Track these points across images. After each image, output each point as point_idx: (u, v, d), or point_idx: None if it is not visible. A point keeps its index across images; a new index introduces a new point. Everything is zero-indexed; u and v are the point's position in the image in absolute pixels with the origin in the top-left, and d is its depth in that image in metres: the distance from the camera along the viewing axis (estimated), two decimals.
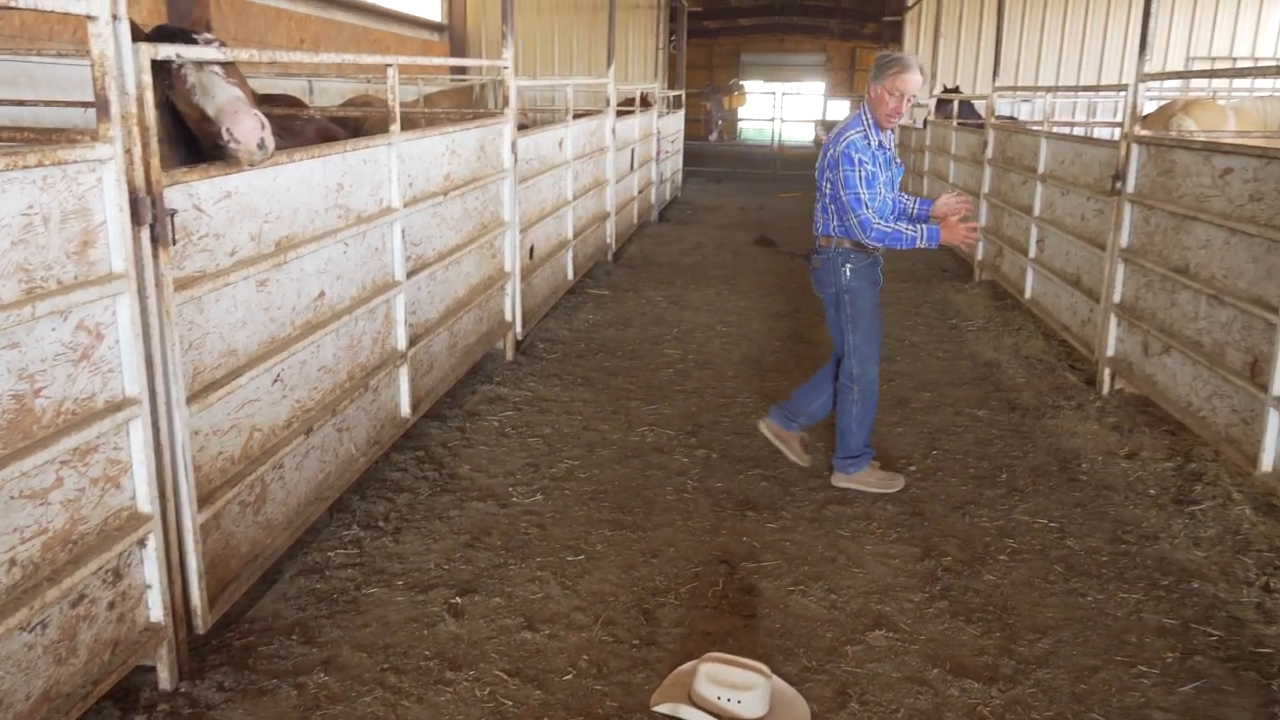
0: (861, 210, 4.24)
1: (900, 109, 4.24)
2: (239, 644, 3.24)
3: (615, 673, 3.16)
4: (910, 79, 4.19)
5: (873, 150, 4.30)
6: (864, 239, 4.28)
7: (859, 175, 4.23)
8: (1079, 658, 3.29)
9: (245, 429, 3.34)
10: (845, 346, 4.55)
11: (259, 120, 3.18)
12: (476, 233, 5.79)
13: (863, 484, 4.59)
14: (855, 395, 4.55)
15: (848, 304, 4.49)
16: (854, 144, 4.27)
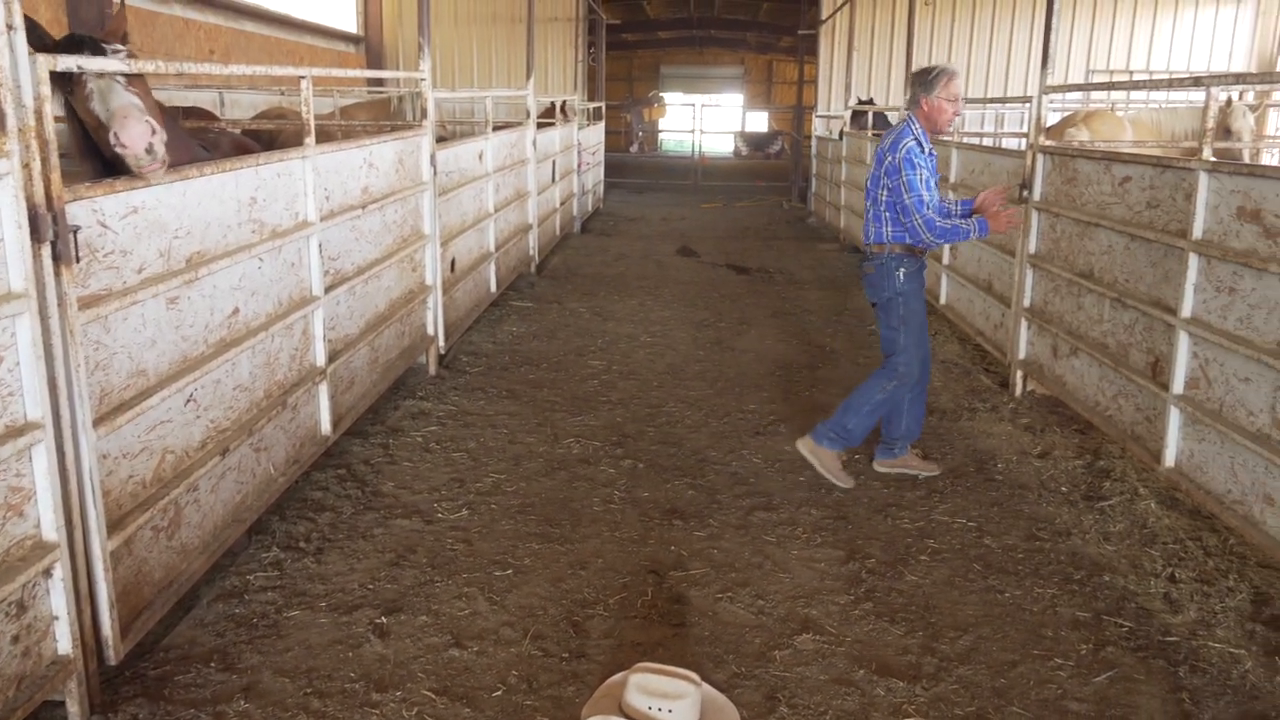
0: (924, 210, 4.48)
1: (958, 112, 4.62)
2: (154, 674, 3.13)
3: (545, 687, 3.14)
4: (959, 83, 4.58)
5: (925, 156, 4.56)
6: (928, 237, 4.51)
7: (919, 178, 4.48)
8: (998, 653, 3.38)
9: (157, 451, 3.23)
10: (895, 347, 4.72)
11: (149, 126, 3.11)
12: (396, 246, 5.72)
13: (817, 458, 4.81)
14: (887, 390, 4.73)
15: (900, 306, 4.70)
16: (912, 150, 4.51)
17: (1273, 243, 3.80)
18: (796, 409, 5.96)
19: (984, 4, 17.12)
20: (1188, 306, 4.35)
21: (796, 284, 10.09)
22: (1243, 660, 3.30)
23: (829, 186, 14.55)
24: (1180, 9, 17.11)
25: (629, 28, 26.38)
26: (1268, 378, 3.80)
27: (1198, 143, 4.51)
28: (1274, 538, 3.72)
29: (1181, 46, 17.36)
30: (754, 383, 6.51)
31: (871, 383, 4.76)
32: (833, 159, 14.23)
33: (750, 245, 12.95)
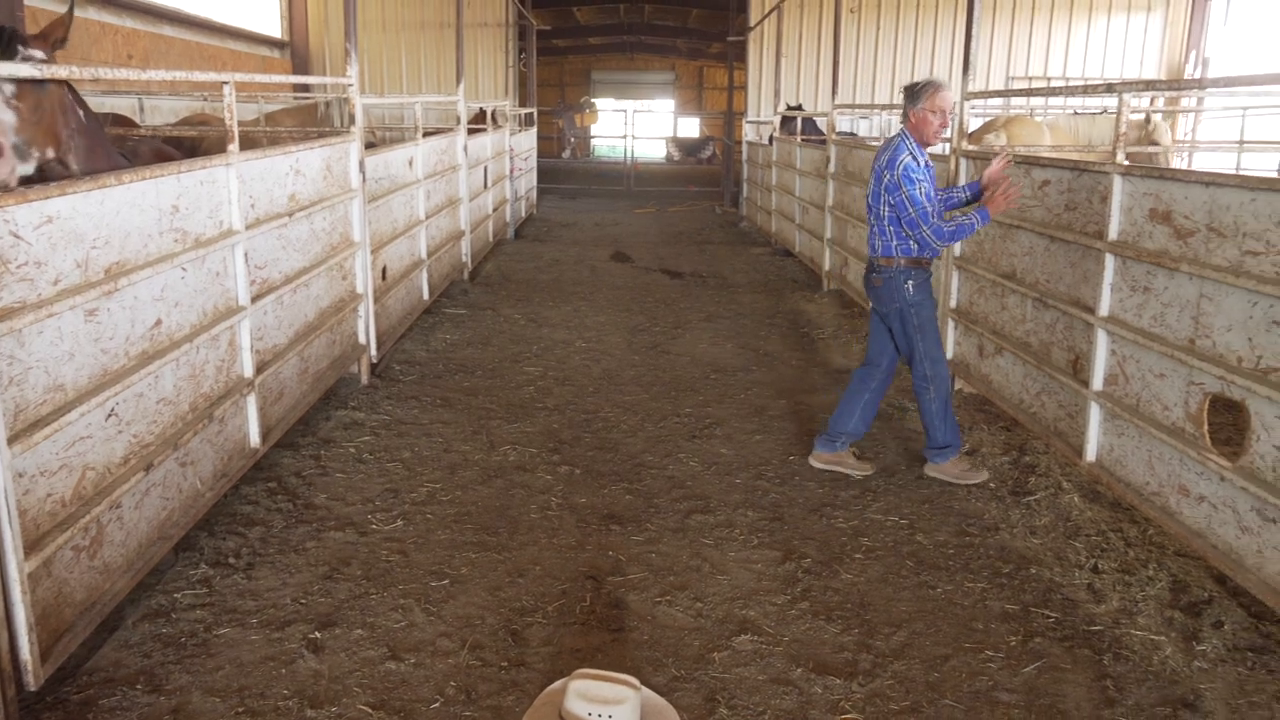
0: (929, 222, 4.61)
1: (945, 123, 4.66)
2: (77, 698, 3.03)
3: (484, 697, 3.12)
4: (945, 95, 4.62)
5: (922, 167, 4.65)
6: (939, 244, 4.63)
7: (920, 191, 4.60)
8: (932, 647, 3.45)
9: (77, 468, 3.13)
10: (914, 354, 4.83)
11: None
12: (325, 254, 5.63)
13: (944, 474, 4.92)
14: (932, 394, 4.84)
15: (914, 316, 4.80)
16: (909, 167, 4.63)
17: (1183, 243, 3.95)
18: (732, 411, 6.01)
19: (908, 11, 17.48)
20: (1105, 305, 4.49)
21: (730, 288, 10.18)
22: (1163, 646, 3.41)
23: (760, 191, 14.71)
24: (1094, 17, 17.69)
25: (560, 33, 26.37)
26: (1180, 373, 3.95)
27: (1112, 147, 4.67)
28: (1190, 527, 3.86)
29: (1096, 54, 17.95)
30: (689, 386, 6.55)
31: (922, 405, 4.92)
32: (763, 164, 14.39)
33: (683, 250, 13.02)
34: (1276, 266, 3.43)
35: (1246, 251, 3.58)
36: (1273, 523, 3.43)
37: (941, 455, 4.91)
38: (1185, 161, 14.65)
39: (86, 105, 3.79)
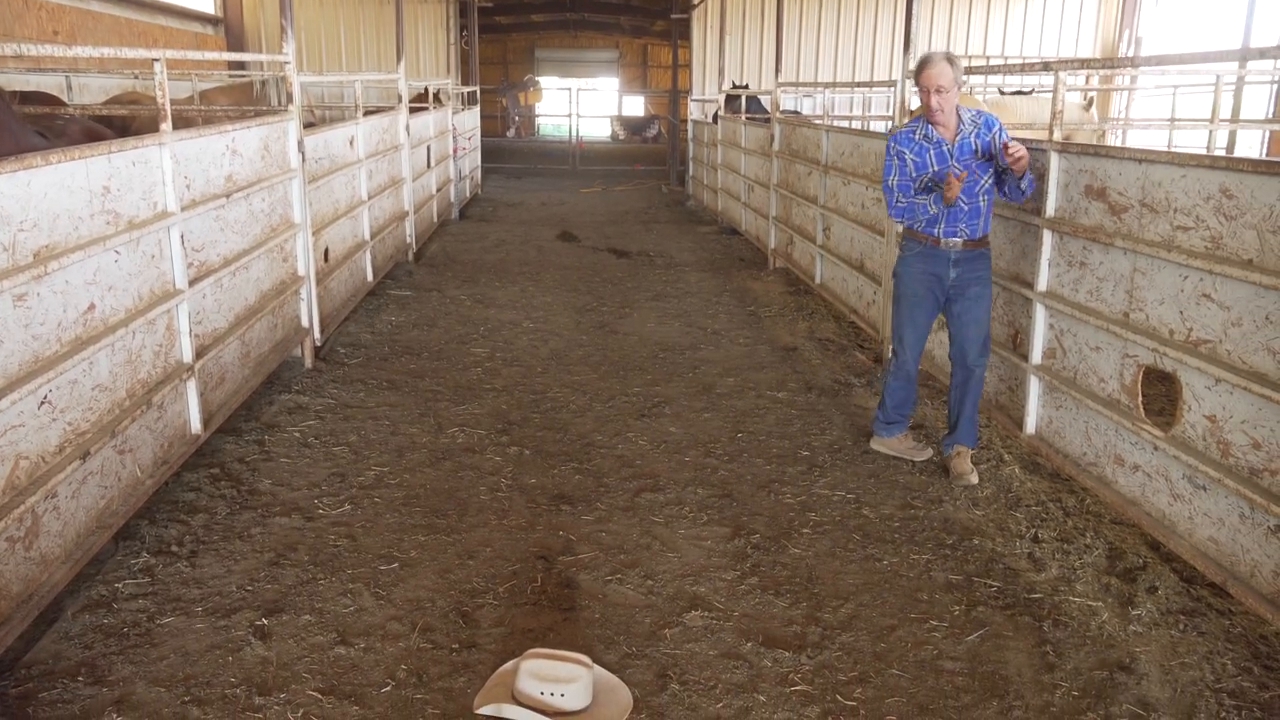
0: (889, 197, 4.64)
1: (931, 102, 4.42)
2: (14, 692, 2.96)
3: (436, 679, 3.11)
4: (928, 73, 4.38)
5: (918, 141, 4.54)
6: (892, 218, 4.62)
7: (893, 164, 4.60)
8: (878, 619, 3.51)
9: (9, 458, 3.04)
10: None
11: None
12: (265, 236, 5.52)
13: (890, 449, 4.96)
14: (891, 367, 4.90)
15: (895, 285, 4.81)
16: (896, 136, 4.62)
17: (1117, 219, 4.04)
18: (680, 390, 6.03)
19: None
20: (1043, 280, 4.59)
21: (676, 266, 10.19)
22: (1099, 612, 3.52)
23: (706, 170, 14.73)
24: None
25: (501, 9, 26.03)
26: (1116, 346, 4.05)
27: (1047, 125, 4.75)
28: (1125, 496, 3.98)
29: (1033, 32, 18.24)
30: (637, 365, 6.56)
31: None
32: (709, 142, 14.40)
33: (630, 229, 13.01)
34: (1205, 241, 3.53)
35: (1177, 227, 3.68)
36: (1203, 490, 3.54)
37: (888, 430, 4.97)
38: (1120, 139, 14.98)
39: None
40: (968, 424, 4.71)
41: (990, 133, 4.49)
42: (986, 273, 4.62)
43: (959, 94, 4.48)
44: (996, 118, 4.55)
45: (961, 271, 4.57)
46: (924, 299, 4.69)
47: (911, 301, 4.72)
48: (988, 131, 4.50)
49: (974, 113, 4.55)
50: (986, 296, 4.62)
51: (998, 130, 4.50)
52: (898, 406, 4.92)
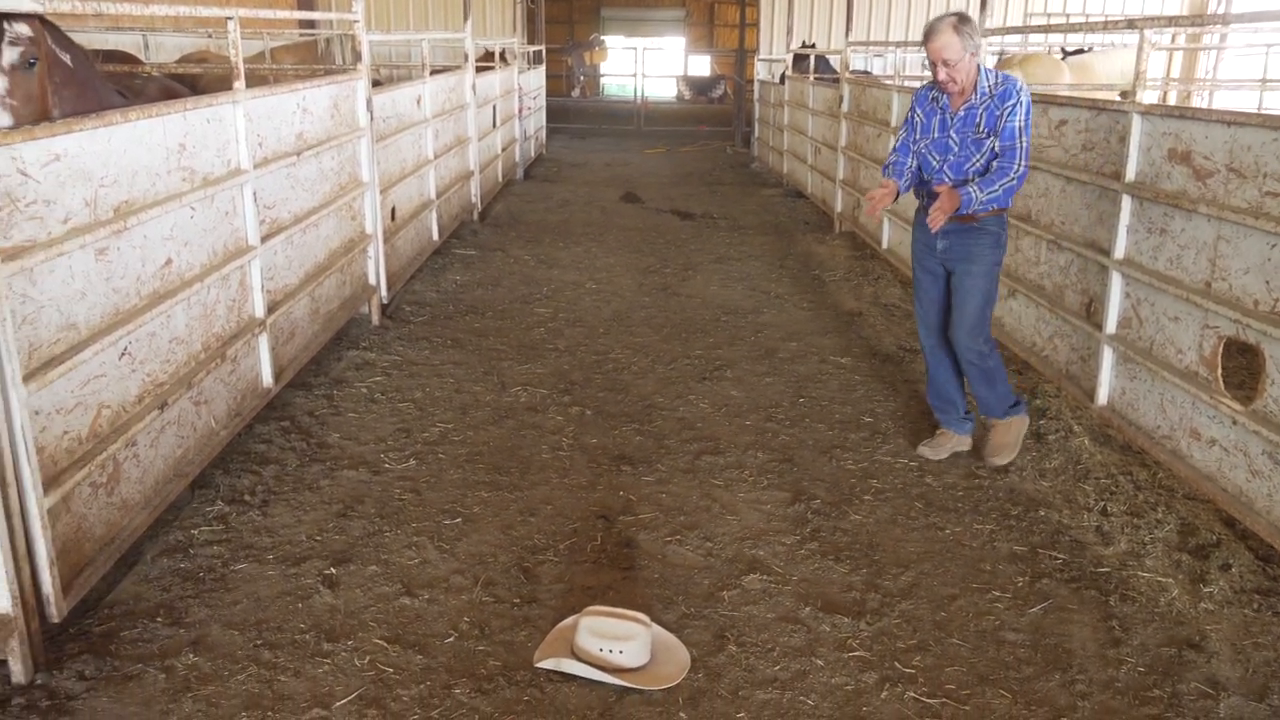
0: (891, 151, 4.49)
1: (939, 75, 4.09)
2: (99, 630, 3.09)
3: (497, 632, 3.17)
4: (932, 45, 4.05)
5: (928, 103, 4.31)
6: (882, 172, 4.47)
7: (907, 121, 4.43)
8: (939, 587, 3.48)
9: (92, 406, 3.15)
10: None
11: None
12: (334, 194, 5.59)
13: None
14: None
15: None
16: (918, 93, 4.42)
17: (1202, 184, 3.89)
18: (742, 353, 6.00)
19: None
20: (1121, 248, 4.45)
21: (740, 229, 10.10)
22: (1169, 588, 3.44)
23: (772, 131, 14.52)
24: None
25: None
26: (1195, 316, 3.92)
27: (1131, 85, 4.58)
28: (1200, 471, 3.87)
29: None
30: (700, 328, 6.54)
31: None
32: (775, 103, 14.18)
33: (694, 190, 12.91)
34: None
35: (1267, 193, 3.52)
36: None
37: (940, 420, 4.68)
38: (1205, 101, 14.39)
39: (75, 48, 3.74)
40: (981, 400, 4.46)
41: (1003, 106, 4.09)
42: (980, 251, 4.26)
43: (974, 61, 4.09)
44: (1018, 90, 4.11)
45: (949, 245, 4.30)
46: (923, 268, 4.48)
47: (915, 271, 4.57)
48: (1000, 105, 4.10)
49: (1000, 79, 4.15)
50: (975, 276, 4.27)
51: (1011, 105, 4.08)
52: (932, 392, 4.65)
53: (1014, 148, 4.10)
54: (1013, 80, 4.16)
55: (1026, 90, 4.18)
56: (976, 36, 4.08)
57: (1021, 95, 4.12)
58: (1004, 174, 4.09)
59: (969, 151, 4.21)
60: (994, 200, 4.10)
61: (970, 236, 4.26)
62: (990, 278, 4.30)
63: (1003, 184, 4.08)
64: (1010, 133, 4.10)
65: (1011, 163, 4.10)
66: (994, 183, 4.07)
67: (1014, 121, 4.10)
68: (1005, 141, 4.12)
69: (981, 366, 4.38)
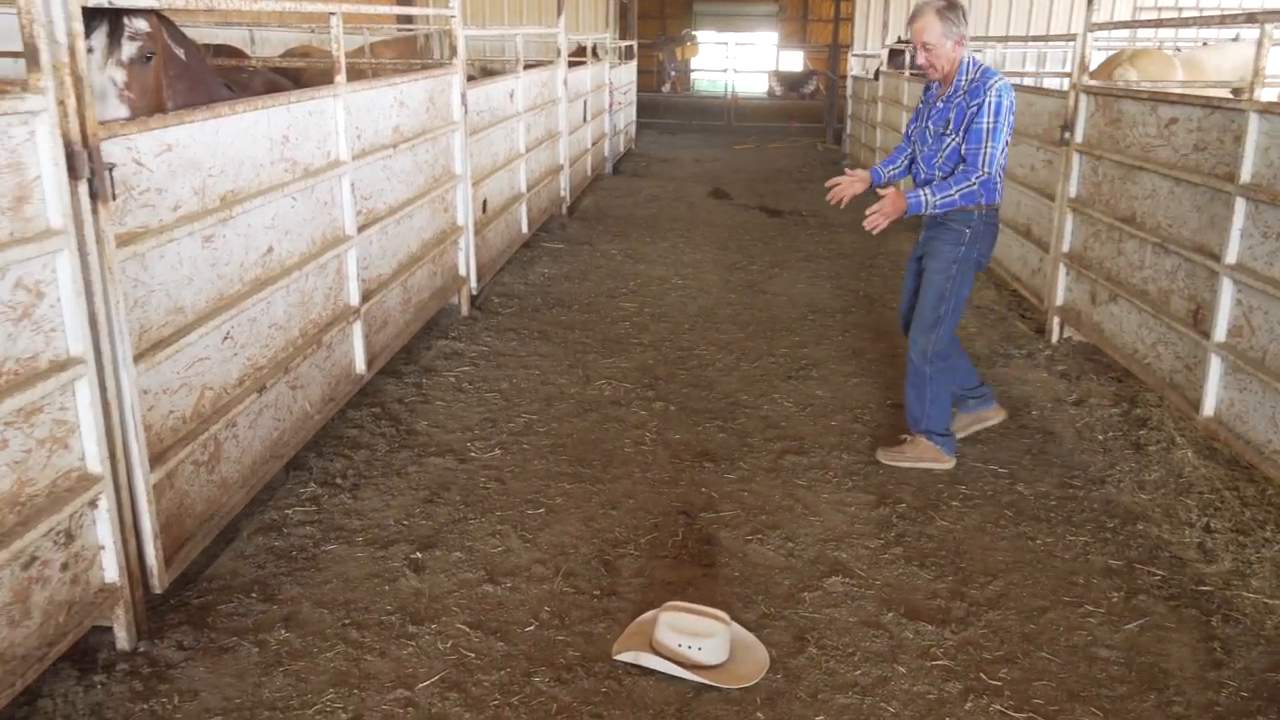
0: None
1: (919, 59, 4.06)
2: (197, 603, 3.22)
3: (577, 623, 3.19)
4: (913, 26, 4.03)
5: (926, 91, 4.35)
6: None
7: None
8: (1028, 599, 3.38)
9: (196, 387, 3.28)
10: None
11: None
12: (428, 186, 5.70)
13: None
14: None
15: None
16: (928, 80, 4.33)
17: None
18: (829, 353, 5.93)
19: None
20: (1233, 252, 4.25)
21: (830, 227, 9.97)
22: (1277, 611, 3.28)
23: (864, 128, 14.30)
24: None
25: None
26: None
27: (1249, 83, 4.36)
28: None
29: None
30: (786, 326, 6.48)
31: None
32: (868, 99, 13.96)
33: (783, 187, 12.79)
34: None
35: None
36: None
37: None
38: None
39: (188, 43, 3.88)
40: (906, 406, 4.36)
41: (971, 103, 3.96)
42: (939, 247, 4.17)
43: (959, 50, 4.01)
44: (990, 88, 3.95)
45: (925, 239, 4.32)
46: (909, 259, 4.52)
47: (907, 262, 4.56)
48: (969, 102, 3.97)
49: (979, 75, 4.01)
50: (932, 271, 4.20)
51: (979, 104, 3.93)
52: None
53: (978, 152, 3.96)
54: (991, 76, 4.01)
55: (1005, 90, 3.98)
56: (961, 25, 3.99)
57: (992, 95, 3.94)
58: (963, 179, 3.98)
59: (936, 146, 4.15)
60: (948, 205, 4.00)
61: (935, 231, 4.23)
62: (945, 275, 4.17)
63: (960, 189, 3.97)
64: (976, 135, 3.96)
65: (974, 168, 3.97)
66: (949, 187, 3.98)
67: (981, 123, 3.95)
68: (970, 145, 3.99)
69: (916, 368, 4.27)
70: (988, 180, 3.98)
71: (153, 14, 3.48)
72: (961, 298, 4.22)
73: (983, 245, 4.19)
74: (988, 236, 4.18)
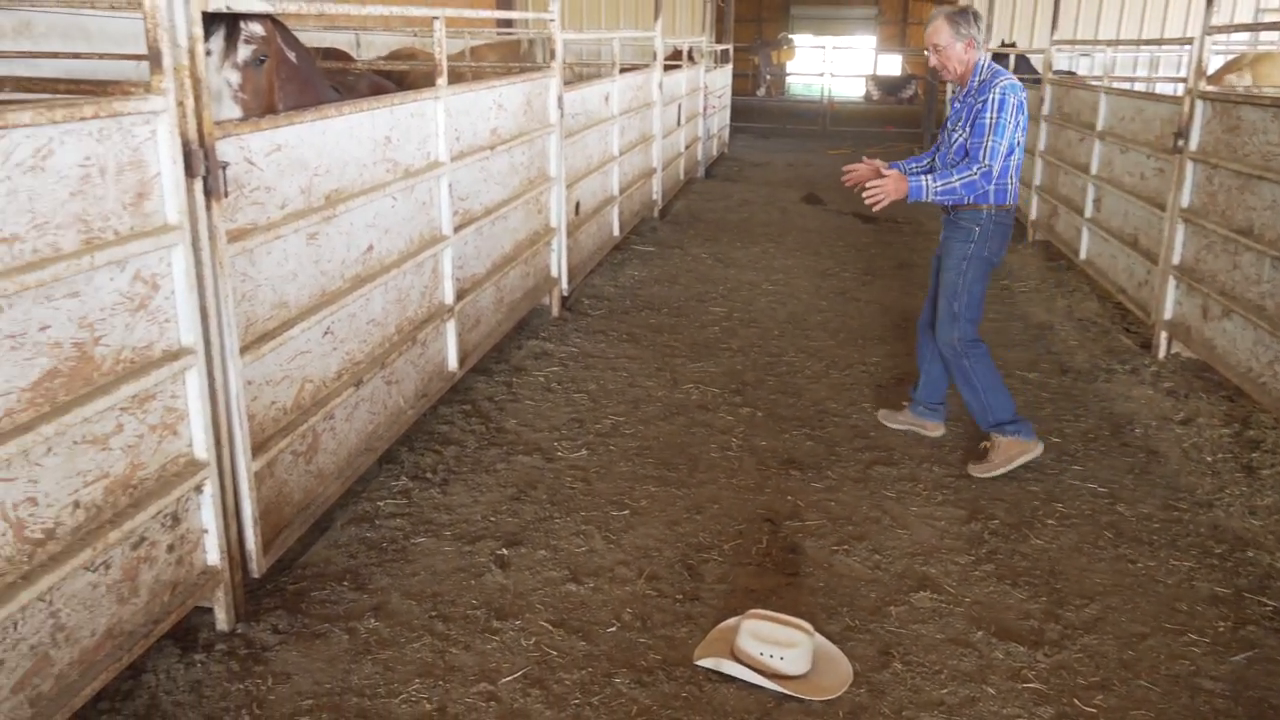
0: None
1: (930, 60, 4.29)
2: (292, 588, 3.32)
3: (659, 626, 3.19)
4: (926, 30, 4.29)
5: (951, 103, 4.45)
6: None
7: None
8: (1127, 624, 3.25)
9: (297, 380, 3.39)
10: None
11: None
12: (523, 188, 5.78)
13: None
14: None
15: None
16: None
17: None
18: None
19: None
20: None
21: (925, 235, 9.78)
22: None
23: None
24: None
25: None
26: None
27: None
28: None
29: None
30: (877, 335, 6.37)
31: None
32: None
33: None
34: None
35: None
36: None
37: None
38: None
39: (299, 46, 4.01)
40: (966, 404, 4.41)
41: (978, 100, 4.11)
42: (951, 245, 4.32)
43: (971, 53, 4.19)
44: (996, 85, 4.07)
45: (941, 238, 4.45)
46: (935, 259, 4.57)
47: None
48: (977, 99, 4.12)
49: (990, 74, 4.15)
50: (946, 269, 4.33)
51: (984, 100, 4.07)
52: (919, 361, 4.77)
53: (980, 145, 4.08)
54: (999, 75, 4.14)
55: (1010, 88, 4.08)
56: (971, 28, 4.17)
57: (996, 92, 4.06)
58: (964, 169, 4.09)
59: (948, 142, 4.31)
60: (949, 194, 4.11)
61: (949, 230, 4.36)
62: (958, 271, 4.28)
63: (960, 178, 4.07)
64: (980, 129, 4.09)
65: (976, 159, 4.09)
66: (950, 175, 4.10)
67: (984, 117, 4.08)
68: (974, 138, 4.12)
69: (955, 364, 4.37)
70: (989, 173, 4.07)
71: (267, 18, 3.61)
72: (975, 294, 4.32)
73: (994, 244, 4.28)
74: (998, 236, 4.28)
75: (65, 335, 2.37)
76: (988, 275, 4.35)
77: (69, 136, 2.33)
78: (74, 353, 2.40)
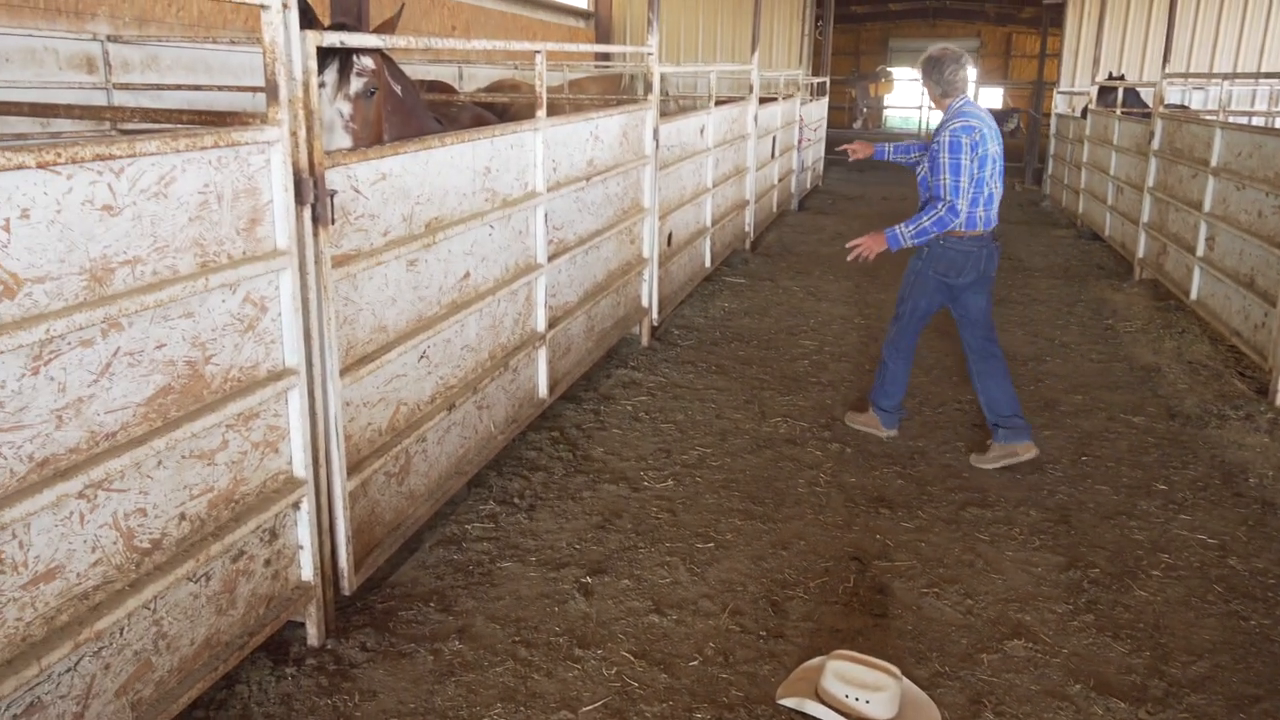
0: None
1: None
2: (381, 607, 3.39)
3: (741, 662, 3.15)
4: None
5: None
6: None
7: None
8: (1238, 685, 3.08)
9: (392, 402, 3.47)
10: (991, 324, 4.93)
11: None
12: (616, 218, 5.84)
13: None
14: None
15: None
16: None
17: None
18: (1020, 403, 5.62)
19: None
20: None
21: (1025, 271, 9.53)
22: None
23: (1067, 168, 13.61)
24: None
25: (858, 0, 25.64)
26: None
27: None
28: None
29: None
30: None
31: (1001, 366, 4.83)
32: (1074, 139, 13.29)
33: None
34: None
35: None
36: None
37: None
38: None
39: (404, 79, 4.15)
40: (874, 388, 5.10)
41: (936, 139, 4.52)
42: (910, 260, 4.81)
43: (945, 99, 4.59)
44: (952, 124, 4.47)
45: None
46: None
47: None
48: (936, 136, 4.53)
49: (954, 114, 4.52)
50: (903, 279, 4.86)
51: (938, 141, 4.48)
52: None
53: (939, 183, 4.49)
54: (957, 117, 4.49)
55: (964, 130, 4.43)
56: (936, 74, 4.55)
57: (946, 134, 4.45)
58: (931, 210, 4.49)
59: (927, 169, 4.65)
60: (922, 234, 4.51)
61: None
62: (906, 282, 4.84)
63: (930, 218, 4.47)
64: (937, 169, 4.49)
65: (940, 198, 4.48)
66: (920, 218, 4.50)
67: (939, 158, 4.48)
68: (934, 177, 4.52)
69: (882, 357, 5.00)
70: (954, 208, 4.43)
71: (377, 53, 3.74)
72: (917, 305, 4.78)
73: (942, 266, 4.63)
74: (956, 260, 4.59)
75: (179, 354, 2.48)
76: (942, 292, 4.73)
77: (190, 165, 2.45)
78: (186, 370, 2.51)
